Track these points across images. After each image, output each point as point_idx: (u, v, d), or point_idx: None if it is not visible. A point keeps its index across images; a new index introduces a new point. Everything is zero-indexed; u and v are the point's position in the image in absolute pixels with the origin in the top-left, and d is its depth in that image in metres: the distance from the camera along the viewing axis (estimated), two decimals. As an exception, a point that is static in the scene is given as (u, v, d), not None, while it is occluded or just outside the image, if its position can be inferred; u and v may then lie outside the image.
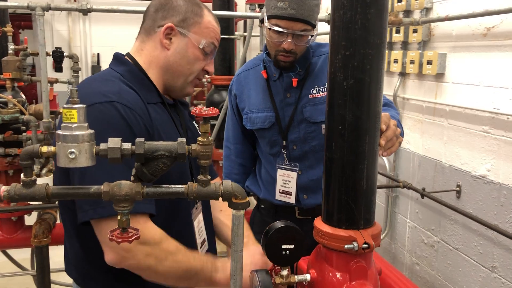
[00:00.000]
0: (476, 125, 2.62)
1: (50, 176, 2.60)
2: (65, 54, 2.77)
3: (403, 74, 3.29)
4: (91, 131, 0.86)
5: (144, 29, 1.37)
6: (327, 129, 1.14)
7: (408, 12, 3.17)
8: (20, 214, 2.72)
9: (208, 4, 1.94)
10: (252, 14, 2.89)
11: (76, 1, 7.76)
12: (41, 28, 2.28)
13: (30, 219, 2.91)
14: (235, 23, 4.79)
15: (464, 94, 2.72)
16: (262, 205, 2.04)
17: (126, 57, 1.37)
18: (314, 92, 1.83)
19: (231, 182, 0.94)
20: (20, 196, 0.87)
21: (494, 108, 2.48)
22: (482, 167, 2.59)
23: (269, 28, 1.72)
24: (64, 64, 2.93)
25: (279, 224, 1.17)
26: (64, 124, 0.84)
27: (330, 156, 1.14)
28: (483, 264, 2.59)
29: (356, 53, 1.07)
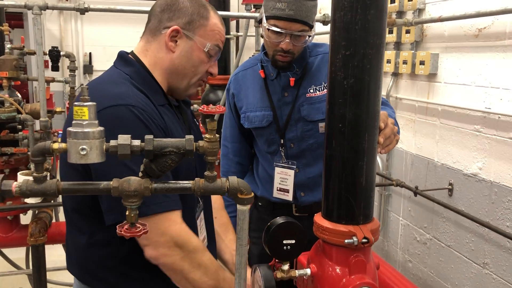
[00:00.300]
0: (468, 125, 2.67)
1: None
2: (61, 53, 2.78)
3: (396, 74, 3.34)
4: (101, 128, 0.88)
5: (149, 29, 1.37)
6: (327, 127, 1.17)
7: (401, 13, 3.21)
8: (16, 213, 2.72)
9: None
10: (248, 14, 2.92)
11: (68, 0, 7.72)
12: (38, 27, 2.29)
13: (25, 219, 2.91)
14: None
15: (456, 94, 2.76)
16: (259, 203, 2.06)
17: (130, 56, 1.37)
18: (311, 91, 1.87)
19: (236, 178, 0.97)
20: (31, 192, 0.89)
21: (485, 107, 2.53)
22: (474, 165, 2.64)
23: (268, 29, 1.75)
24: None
25: (281, 220, 1.19)
26: (75, 121, 0.86)
27: (330, 153, 1.17)
28: (475, 261, 2.64)
29: (356, 53, 1.10)
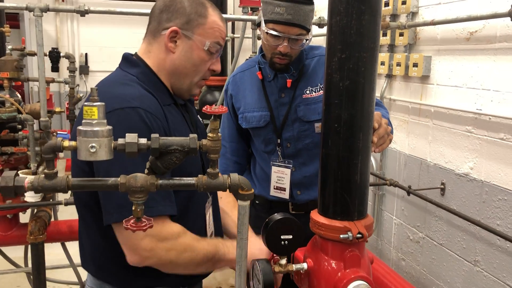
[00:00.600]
0: (460, 125, 2.72)
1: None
2: (61, 55, 2.82)
3: (389, 76, 3.39)
4: (110, 127, 0.92)
5: (150, 31, 1.39)
6: (323, 127, 1.22)
7: (394, 16, 3.27)
8: (15, 212, 2.75)
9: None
10: (245, 16, 2.97)
11: (64, 1, 7.74)
12: (40, 29, 2.32)
13: (24, 218, 2.94)
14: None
15: (448, 95, 2.82)
16: (256, 201, 2.11)
17: (135, 57, 1.40)
18: (308, 92, 1.92)
19: (237, 175, 1.01)
20: (43, 187, 0.93)
21: (476, 109, 2.58)
22: (465, 165, 2.69)
23: (266, 32, 1.79)
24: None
25: (279, 216, 1.23)
26: (85, 121, 0.91)
27: (326, 152, 1.22)
28: (466, 259, 2.70)
29: (352, 56, 1.15)
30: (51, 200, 2.87)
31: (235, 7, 6.99)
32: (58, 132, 2.99)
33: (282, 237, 1.22)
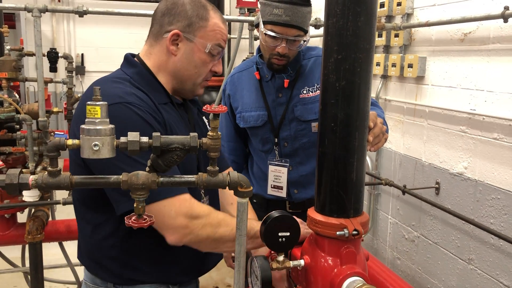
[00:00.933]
0: (454, 125, 2.76)
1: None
2: (59, 55, 2.83)
3: (385, 77, 3.43)
4: (112, 126, 0.94)
5: (152, 34, 1.41)
6: (320, 126, 1.24)
7: (390, 17, 3.30)
8: (13, 211, 2.76)
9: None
10: (242, 17, 2.99)
11: (60, 1, 7.74)
12: (38, 29, 2.34)
13: (21, 217, 2.95)
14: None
15: (443, 96, 2.86)
16: (254, 200, 2.13)
17: (135, 59, 1.43)
18: (304, 92, 1.95)
19: (236, 173, 1.04)
20: (46, 185, 0.95)
21: (470, 109, 2.62)
22: (460, 165, 2.73)
23: (265, 33, 1.82)
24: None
25: (276, 213, 1.26)
26: (88, 119, 0.93)
27: (323, 151, 1.24)
28: (460, 257, 2.73)
29: (348, 57, 1.17)
30: (49, 199, 2.88)
31: (231, 8, 7.02)
32: (56, 132, 3.00)
33: (280, 234, 1.24)
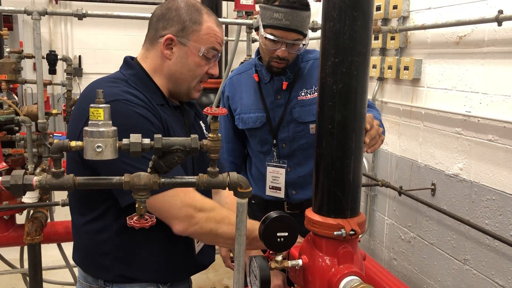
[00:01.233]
0: (450, 127, 2.79)
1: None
2: (58, 57, 2.85)
3: (381, 79, 3.45)
4: (115, 128, 0.96)
5: (148, 38, 1.45)
6: (317, 128, 1.27)
7: (386, 20, 3.33)
8: (12, 213, 2.77)
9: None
10: (240, 20, 3.01)
11: (57, 3, 7.75)
12: (38, 32, 2.35)
13: (20, 219, 2.96)
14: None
15: (438, 98, 2.88)
16: (252, 201, 2.15)
17: (134, 61, 1.46)
18: (303, 94, 1.97)
19: (236, 174, 1.06)
20: (50, 186, 0.97)
21: (466, 111, 2.64)
22: (455, 166, 2.76)
23: (265, 37, 1.85)
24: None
25: (275, 214, 1.28)
26: (91, 122, 0.95)
27: (320, 152, 1.26)
28: (456, 257, 2.76)
29: (345, 61, 1.19)
30: (47, 201, 2.89)
31: (228, 10, 7.05)
32: (55, 134, 3.02)
33: (278, 234, 1.26)
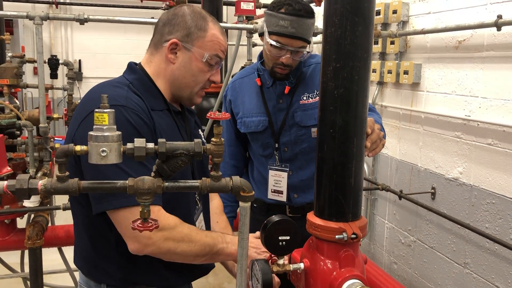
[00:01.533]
0: (449, 131, 2.80)
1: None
2: (60, 62, 2.86)
3: (381, 83, 3.47)
4: (119, 132, 0.97)
5: (153, 43, 1.47)
6: (319, 132, 1.28)
7: (385, 25, 3.35)
8: (13, 217, 2.77)
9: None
10: (241, 25, 3.03)
11: (57, 7, 7.78)
12: (40, 37, 2.36)
13: (21, 223, 2.96)
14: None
15: (438, 102, 2.90)
16: (254, 204, 2.16)
17: (137, 66, 1.47)
18: (305, 98, 1.99)
19: (239, 178, 1.07)
20: (55, 190, 0.98)
21: (465, 115, 2.66)
22: (455, 170, 2.77)
23: (270, 44, 1.86)
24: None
25: (276, 218, 1.28)
26: (96, 126, 0.96)
27: (322, 156, 1.27)
28: (456, 261, 2.76)
29: (346, 65, 1.21)
30: (48, 205, 2.89)
31: (228, 15, 7.08)
32: (56, 138, 3.03)
33: (280, 238, 1.27)
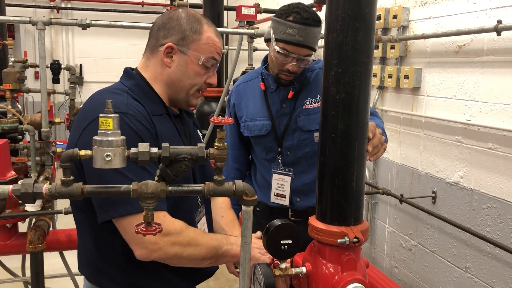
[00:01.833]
0: (450, 135, 2.81)
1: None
2: (62, 67, 2.87)
3: (381, 88, 3.48)
4: (123, 137, 0.98)
5: (149, 47, 1.47)
6: (321, 137, 1.28)
7: (386, 30, 3.36)
8: (15, 221, 2.77)
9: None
10: (242, 30, 3.05)
11: (59, 12, 7.81)
12: (42, 42, 2.38)
13: (22, 227, 2.97)
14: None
15: (438, 106, 2.91)
16: (257, 208, 2.16)
17: (134, 71, 1.48)
18: (308, 103, 2.00)
19: (242, 182, 1.08)
20: (60, 194, 0.99)
21: (466, 119, 2.67)
22: (456, 174, 2.77)
23: (277, 51, 1.87)
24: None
25: (278, 222, 1.29)
26: (100, 131, 0.97)
27: (323, 161, 1.28)
28: (457, 265, 2.77)
29: (347, 71, 1.22)
30: (50, 209, 2.90)
31: (229, 20, 7.10)
32: (57, 142, 3.03)
33: (282, 242, 1.27)
